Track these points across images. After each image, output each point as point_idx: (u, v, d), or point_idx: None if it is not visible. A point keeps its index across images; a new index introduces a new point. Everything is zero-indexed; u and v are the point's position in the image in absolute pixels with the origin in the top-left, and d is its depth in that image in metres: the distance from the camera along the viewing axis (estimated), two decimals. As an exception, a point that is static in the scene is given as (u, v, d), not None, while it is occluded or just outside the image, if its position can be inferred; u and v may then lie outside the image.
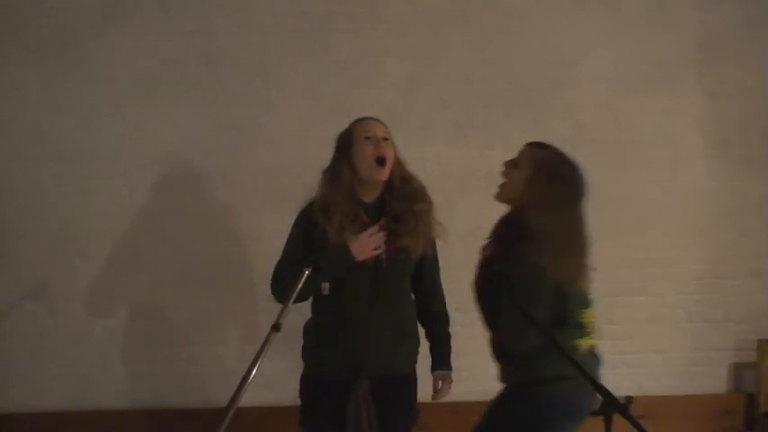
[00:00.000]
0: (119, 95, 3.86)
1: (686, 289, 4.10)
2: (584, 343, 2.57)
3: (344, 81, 3.94)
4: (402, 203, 2.71)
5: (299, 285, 2.31)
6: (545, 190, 2.58)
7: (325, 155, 3.82)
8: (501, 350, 2.64)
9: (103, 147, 3.85)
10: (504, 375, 2.65)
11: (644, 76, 4.07)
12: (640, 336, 4.06)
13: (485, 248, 2.70)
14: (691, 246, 4.10)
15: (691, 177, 4.11)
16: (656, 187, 4.08)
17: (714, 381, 4.12)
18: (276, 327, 2.22)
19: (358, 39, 3.95)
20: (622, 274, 4.02)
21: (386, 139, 2.77)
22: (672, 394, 4.03)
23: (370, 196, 2.72)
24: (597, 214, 3.95)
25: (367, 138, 2.73)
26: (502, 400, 2.64)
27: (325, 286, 2.64)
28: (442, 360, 2.82)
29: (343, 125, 3.84)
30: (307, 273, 2.33)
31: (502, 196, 2.71)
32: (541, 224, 2.52)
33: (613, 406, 2.02)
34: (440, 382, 2.81)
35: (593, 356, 2.59)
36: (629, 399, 2.04)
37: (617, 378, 2.45)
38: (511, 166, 2.69)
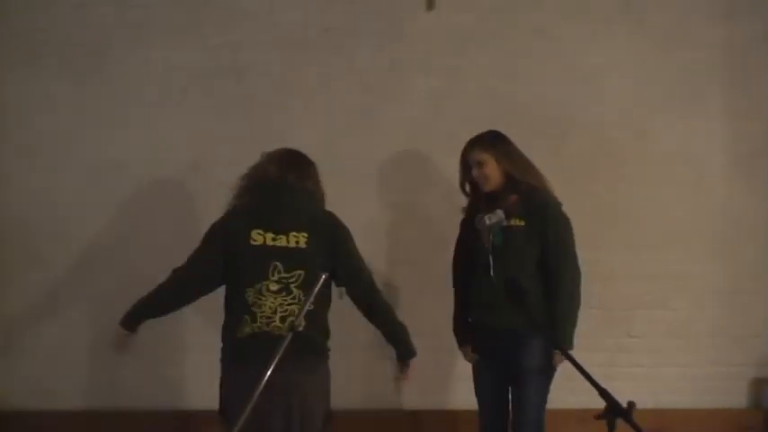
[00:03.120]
0: (148, 108, 3.96)
1: (707, 303, 4.12)
2: None
3: (369, 96, 4.00)
4: None
5: (316, 289, 2.35)
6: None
7: (349, 168, 3.96)
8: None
9: (133, 157, 3.94)
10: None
11: (667, 93, 4.09)
12: (659, 349, 4.08)
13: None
14: (712, 261, 4.12)
15: (713, 195, 4.13)
16: (677, 204, 4.10)
17: (733, 396, 4.12)
18: (293, 328, 2.31)
19: (383, 54, 4.01)
20: (643, 287, 4.05)
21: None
22: (690, 408, 4.04)
23: None
24: (619, 229, 4.10)
25: None
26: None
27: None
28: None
29: (366, 139, 3.96)
30: (324, 277, 2.39)
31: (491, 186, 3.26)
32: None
33: (616, 411, 2.09)
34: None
35: None
36: (630, 404, 2.10)
37: (635, 390, 2.46)
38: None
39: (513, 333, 3.16)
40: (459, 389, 3.79)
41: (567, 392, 3.76)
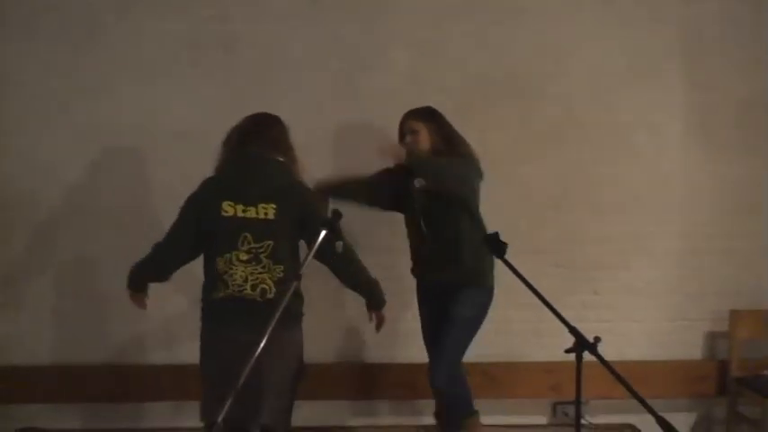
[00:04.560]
0: (140, 76, 4.08)
1: (664, 264, 4.31)
2: None
3: (352, 66, 4.15)
4: None
5: (316, 246, 2.54)
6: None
7: (336, 133, 4.13)
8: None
9: (123, 124, 4.08)
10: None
11: (630, 67, 4.24)
12: (621, 306, 4.29)
13: None
14: (669, 224, 4.31)
15: (671, 161, 4.30)
16: (638, 169, 4.28)
17: (689, 348, 4.33)
18: (297, 276, 2.50)
19: (365, 26, 4.16)
20: (605, 248, 4.25)
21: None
22: (651, 360, 4.26)
23: None
24: (584, 193, 4.30)
25: None
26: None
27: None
28: None
29: (351, 106, 4.14)
30: (324, 233, 2.57)
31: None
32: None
33: (584, 345, 2.35)
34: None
35: None
36: (596, 338, 2.36)
37: (600, 344, 2.55)
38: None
39: (446, 285, 3.49)
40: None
41: (537, 348, 4.10)
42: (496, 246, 2.67)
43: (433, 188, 3.43)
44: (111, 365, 4.17)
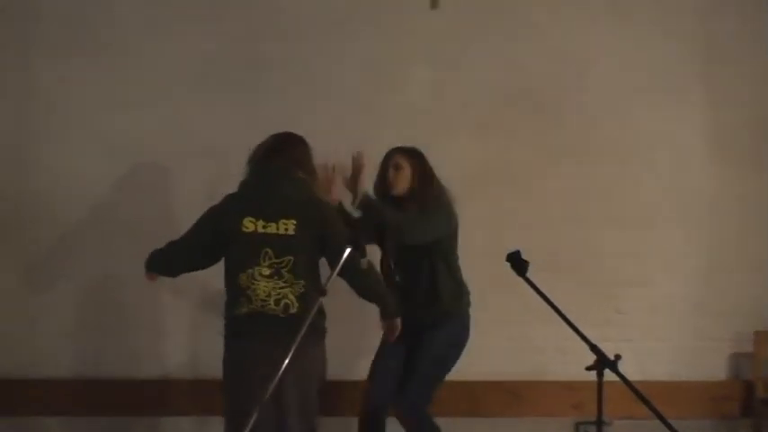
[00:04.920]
0: (169, 94, 4.16)
1: (688, 282, 4.28)
2: None
3: (375, 84, 4.21)
4: None
5: (341, 262, 2.55)
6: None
7: (359, 148, 4.14)
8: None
9: (152, 142, 4.15)
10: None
11: (651, 83, 4.26)
12: (644, 325, 4.26)
13: None
14: (692, 242, 4.28)
15: (692, 177, 4.29)
16: (660, 186, 4.27)
17: (713, 369, 4.28)
18: (322, 292, 2.51)
19: (388, 45, 4.23)
20: (627, 265, 4.23)
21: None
22: (674, 380, 4.21)
23: None
24: (606, 209, 4.27)
25: None
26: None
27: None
28: None
29: (373, 124, 4.19)
30: (349, 250, 2.57)
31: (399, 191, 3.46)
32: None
33: (604, 362, 2.34)
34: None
35: None
36: (617, 356, 2.36)
37: (623, 363, 2.53)
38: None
39: (420, 324, 3.45)
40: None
41: (560, 366, 4.09)
42: (518, 264, 2.68)
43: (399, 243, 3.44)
44: (132, 380, 4.19)
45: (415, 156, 3.55)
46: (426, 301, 3.46)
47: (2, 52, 4.17)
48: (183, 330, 4.09)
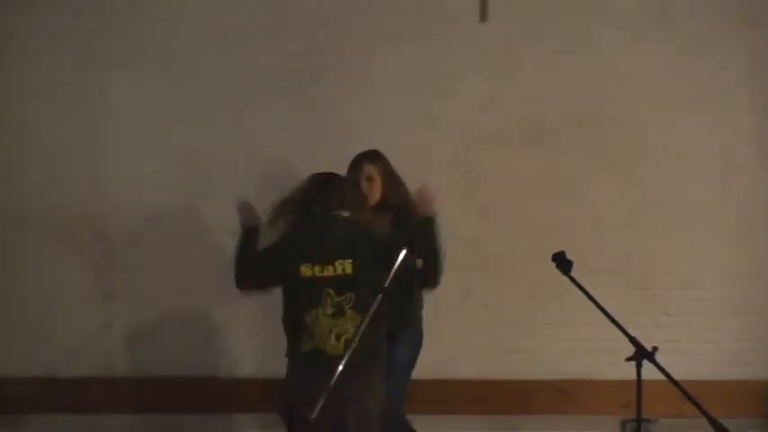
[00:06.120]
0: (235, 105, 4.37)
1: (734, 285, 4.36)
2: None
3: (430, 95, 4.36)
4: None
5: (397, 264, 2.64)
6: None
7: (414, 160, 4.32)
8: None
9: (220, 151, 4.36)
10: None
11: (697, 93, 4.35)
12: (691, 325, 4.36)
13: None
14: (738, 246, 4.37)
15: (740, 184, 4.37)
16: (707, 192, 4.36)
17: (757, 369, 4.35)
18: (384, 290, 2.62)
19: (441, 59, 4.37)
20: (677, 269, 4.34)
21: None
22: (719, 379, 4.29)
23: None
24: (656, 215, 4.35)
25: None
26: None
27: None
28: None
29: (428, 133, 4.33)
30: (404, 252, 2.66)
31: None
32: None
33: (642, 353, 2.49)
34: None
35: None
36: (654, 348, 2.50)
37: (671, 363, 2.71)
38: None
39: None
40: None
41: (610, 366, 4.18)
42: (563, 263, 2.85)
43: None
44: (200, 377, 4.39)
45: (379, 161, 3.60)
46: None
47: (79, 70, 4.42)
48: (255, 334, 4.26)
